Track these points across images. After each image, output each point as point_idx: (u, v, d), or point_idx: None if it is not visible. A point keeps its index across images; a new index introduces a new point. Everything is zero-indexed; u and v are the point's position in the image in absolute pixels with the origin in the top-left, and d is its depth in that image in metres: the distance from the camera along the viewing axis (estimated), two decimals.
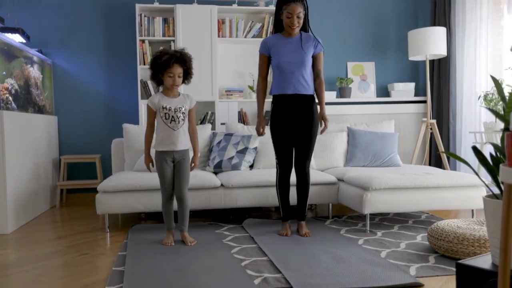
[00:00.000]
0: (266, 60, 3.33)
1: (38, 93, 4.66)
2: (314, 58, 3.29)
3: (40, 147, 4.49)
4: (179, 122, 3.09)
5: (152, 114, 3.12)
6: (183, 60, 3.06)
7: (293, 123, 3.26)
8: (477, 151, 1.68)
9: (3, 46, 3.87)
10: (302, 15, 3.15)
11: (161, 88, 3.23)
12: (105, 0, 5.22)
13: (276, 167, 3.35)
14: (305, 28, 3.31)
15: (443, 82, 5.31)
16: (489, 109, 1.57)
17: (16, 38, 4.47)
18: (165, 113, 3.08)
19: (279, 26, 3.32)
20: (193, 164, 3.20)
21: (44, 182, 4.60)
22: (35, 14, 5.10)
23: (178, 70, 3.04)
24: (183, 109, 3.12)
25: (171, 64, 3.01)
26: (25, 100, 4.31)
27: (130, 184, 3.55)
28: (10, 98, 3.99)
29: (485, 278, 1.66)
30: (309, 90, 3.26)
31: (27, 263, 2.81)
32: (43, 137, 4.60)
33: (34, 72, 4.58)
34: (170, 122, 3.08)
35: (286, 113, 3.26)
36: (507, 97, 1.62)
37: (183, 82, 3.15)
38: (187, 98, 3.18)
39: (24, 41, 4.60)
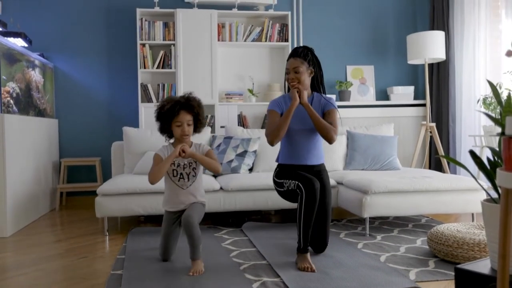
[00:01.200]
0: (278, 117, 2.86)
1: (39, 96, 4.67)
2: (325, 116, 2.88)
3: (40, 150, 4.49)
4: (188, 180, 2.75)
5: (158, 164, 2.68)
6: (190, 105, 2.70)
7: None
8: (474, 155, 1.68)
9: (5, 50, 3.89)
10: (302, 71, 2.80)
11: (169, 142, 2.85)
12: (106, 5, 5.24)
13: (298, 191, 2.72)
14: (318, 89, 2.96)
15: (442, 86, 5.32)
16: (485, 113, 1.58)
17: (18, 42, 4.49)
18: (173, 170, 2.74)
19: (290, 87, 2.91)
20: (183, 152, 2.65)
21: (44, 185, 4.61)
22: (37, 19, 5.12)
23: (186, 118, 2.68)
24: (195, 164, 2.76)
25: (176, 112, 2.66)
26: (26, 103, 4.32)
27: (129, 187, 3.55)
28: (12, 101, 4.00)
29: (484, 283, 1.66)
30: (320, 159, 2.94)
31: (26, 266, 2.82)
32: (44, 140, 4.61)
33: (35, 75, 4.60)
34: (179, 180, 2.74)
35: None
36: (504, 101, 1.62)
37: (195, 130, 2.77)
38: (199, 149, 2.80)
39: (26, 45, 4.62)
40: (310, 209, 2.63)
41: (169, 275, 2.53)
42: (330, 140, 2.77)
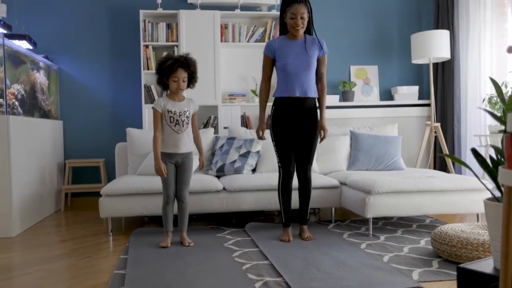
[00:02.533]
0: (270, 62, 3.31)
1: (44, 98, 4.70)
2: (318, 61, 3.28)
3: (45, 151, 4.51)
4: (183, 126, 3.16)
5: (159, 117, 3.15)
6: (187, 64, 3.12)
7: (295, 126, 3.25)
8: (476, 154, 1.67)
9: (10, 52, 3.91)
10: (305, 16, 3.13)
11: (165, 94, 3.29)
12: (109, 7, 5.26)
13: (279, 171, 3.32)
14: (309, 30, 3.29)
15: (447, 85, 5.29)
16: (487, 110, 1.57)
17: (23, 45, 4.51)
18: (170, 117, 3.14)
19: (284, 29, 3.31)
20: (201, 165, 3.29)
21: (49, 186, 4.63)
22: (42, 21, 5.14)
23: (182, 75, 3.11)
24: (188, 112, 3.19)
25: (175, 68, 3.08)
26: (31, 105, 4.34)
27: (133, 187, 3.56)
28: (17, 103, 4.02)
29: (487, 282, 1.65)
30: (314, 93, 3.26)
31: (31, 265, 2.83)
32: (49, 141, 4.63)
33: (40, 77, 4.62)
34: (175, 126, 3.15)
35: (289, 116, 3.24)
36: (507, 99, 1.61)
37: (188, 86, 3.20)
38: (190, 102, 3.25)
39: (31, 47, 4.65)
40: (286, 191, 3.28)
41: (171, 274, 2.53)
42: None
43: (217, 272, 2.57)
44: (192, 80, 3.19)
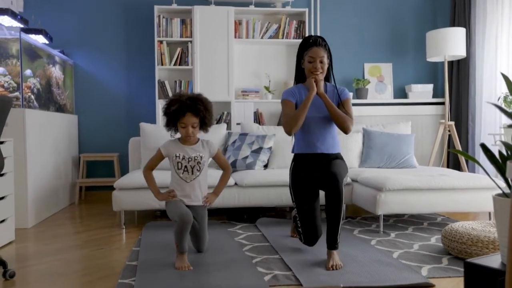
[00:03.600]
0: (293, 107, 2.83)
1: (59, 92, 4.77)
2: (340, 106, 2.84)
3: (60, 145, 4.59)
4: (193, 173, 2.77)
5: (157, 158, 2.83)
6: (196, 109, 2.67)
7: (316, 180, 2.81)
8: (485, 149, 1.67)
9: (27, 46, 3.99)
10: (325, 61, 2.78)
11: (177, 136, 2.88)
12: (124, 2, 5.32)
13: (299, 229, 2.88)
14: (328, 78, 2.91)
15: (462, 84, 5.25)
16: (496, 105, 1.57)
17: (39, 39, 4.59)
18: (178, 162, 2.76)
19: (301, 76, 2.93)
20: (206, 200, 2.83)
21: (64, 179, 4.71)
22: (58, 16, 5.22)
23: (191, 120, 2.68)
24: (199, 158, 2.78)
25: (182, 114, 2.67)
26: (46, 99, 4.42)
27: (145, 181, 3.59)
28: (33, 96, 4.10)
29: (494, 277, 1.65)
30: (336, 148, 2.86)
31: (46, 256, 2.89)
32: (64, 135, 4.71)
33: (56, 72, 4.70)
34: (182, 173, 2.76)
35: (308, 172, 2.82)
36: None
37: (201, 129, 2.79)
38: (206, 146, 2.82)
39: (47, 42, 4.72)
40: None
41: None
42: (346, 130, 2.75)
43: (227, 265, 2.60)
44: (204, 125, 2.77)
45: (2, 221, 3.14)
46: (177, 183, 2.78)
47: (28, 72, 4.01)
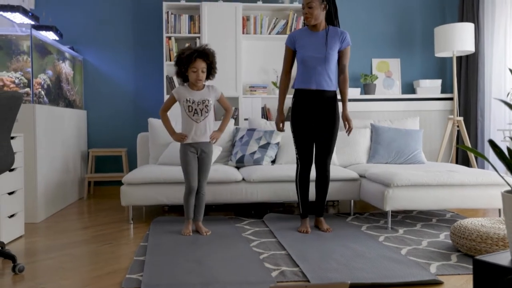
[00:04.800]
0: (291, 54, 3.31)
1: (69, 88, 4.80)
2: (340, 53, 3.25)
3: (69, 140, 4.62)
4: (201, 115, 3.19)
5: (171, 101, 3.24)
6: (205, 54, 3.14)
7: (314, 119, 3.24)
8: (493, 144, 1.66)
9: (38, 42, 4.01)
10: (315, 5, 3.10)
11: (185, 84, 3.30)
12: None
13: (297, 163, 3.33)
14: (332, 22, 3.27)
15: (471, 79, 5.21)
16: (503, 101, 1.55)
17: (50, 36, 4.61)
18: (188, 106, 3.17)
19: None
20: (212, 136, 3.25)
21: (73, 174, 4.74)
22: (68, 13, 5.24)
23: (201, 65, 3.12)
24: (207, 102, 3.20)
25: (193, 59, 3.10)
26: (56, 94, 4.45)
27: (154, 177, 3.62)
28: (43, 92, 4.12)
29: (503, 275, 1.64)
30: (332, 86, 3.23)
31: (54, 250, 2.92)
32: (73, 130, 4.74)
33: (65, 68, 4.72)
34: (193, 115, 3.18)
35: (307, 108, 3.23)
36: None
37: (207, 77, 3.22)
38: (211, 90, 3.26)
39: (57, 38, 4.74)
40: (304, 182, 3.28)
41: (190, 261, 2.58)
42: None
43: (234, 260, 2.61)
44: (211, 70, 3.21)
45: (12, 215, 3.17)
46: (187, 123, 3.19)
47: (49, 73, 4.07)
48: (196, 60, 3.10)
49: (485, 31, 5.03)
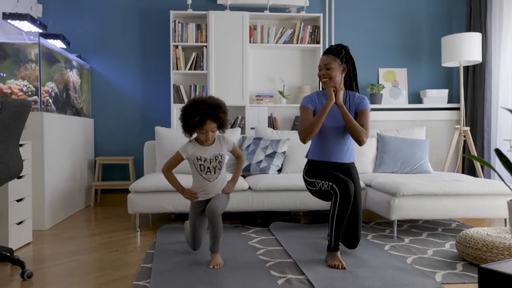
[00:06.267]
0: (312, 115, 2.90)
1: (76, 96, 4.85)
2: (357, 115, 2.90)
3: (77, 148, 4.66)
4: (215, 173, 2.84)
5: (177, 161, 2.86)
6: (216, 116, 2.72)
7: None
8: (499, 154, 1.67)
9: (45, 51, 4.06)
10: (333, 67, 2.81)
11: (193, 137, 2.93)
12: (140, 8, 5.39)
13: (331, 192, 2.75)
14: (352, 88, 2.95)
15: (478, 89, 5.21)
16: (509, 110, 1.56)
17: (57, 44, 4.67)
18: (200, 165, 2.83)
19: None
20: (226, 188, 2.90)
21: (80, 182, 4.77)
22: (76, 21, 5.31)
23: (211, 126, 2.73)
24: (220, 157, 2.85)
25: (204, 122, 2.71)
26: (64, 102, 4.49)
27: (160, 185, 3.64)
28: (50, 100, 4.17)
29: (508, 284, 1.64)
30: (350, 158, 2.95)
31: (62, 257, 2.94)
32: (80, 138, 4.78)
33: (73, 76, 4.78)
34: (206, 174, 2.84)
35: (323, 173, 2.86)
36: None
37: (219, 129, 2.83)
38: (223, 142, 2.89)
39: (64, 46, 4.80)
40: (344, 211, 2.66)
41: (196, 269, 2.59)
42: (360, 143, 2.79)
43: (241, 268, 2.61)
44: (222, 127, 2.81)
45: (20, 222, 3.20)
46: (200, 182, 2.86)
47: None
48: (206, 122, 2.71)
49: (493, 41, 5.04)
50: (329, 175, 2.78)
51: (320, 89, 3.04)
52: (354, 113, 2.91)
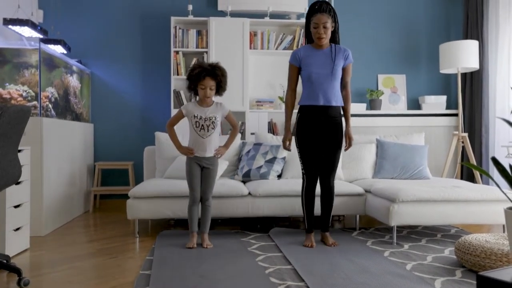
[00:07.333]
0: (296, 71, 3.37)
1: (76, 101, 4.86)
2: (343, 70, 3.34)
3: (76, 153, 4.66)
4: (208, 131, 3.29)
5: (178, 117, 3.36)
6: (214, 73, 3.23)
7: (320, 135, 3.28)
8: (496, 162, 1.67)
9: (46, 56, 4.07)
10: (329, 26, 3.18)
11: (194, 99, 3.45)
12: (141, 13, 5.41)
13: (302, 178, 3.36)
14: (335, 40, 3.33)
15: (475, 95, 5.23)
16: (505, 120, 1.57)
17: (58, 49, 4.68)
18: (196, 121, 3.28)
19: (310, 38, 3.36)
20: (217, 151, 3.36)
21: (79, 187, 4.77)
22: (77, 27, 5.33)
23: (209, 83, 3.22)
24: (214, 118, 3.30)
25: (202, 77, 3.20)
26: (63, 107, 4.50)
27: (160, 190, 3.65)
28: (50, 105, 4.18)
29: None
30: (339, 102, 3.30)
31: (60, 264, 2.93)
32: (80, 143, 4.78)
33: (73, 81, 4.79)
34: (200, 130, 3.28)
35: (313, 124, 3.27)
36: None
37: (217, 92, 3.32)
38: (219, 107, 3.35)
39: (65, 52, 4.81)
40: (309, 197, 3.31)
41: (196, 275, 2.59)
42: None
43: (240, 275, 2.61)
44: (220, 88, 3.30)
45: (18, 229, 3.18)
46: (194, 139, 3.30)
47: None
48: (205, 78, 3.20)
49: (489, 48, 5.06)
50: (305, 155, 3.28)
51: (306, 43, 3.44)
52: (344, 63, 3.30)
